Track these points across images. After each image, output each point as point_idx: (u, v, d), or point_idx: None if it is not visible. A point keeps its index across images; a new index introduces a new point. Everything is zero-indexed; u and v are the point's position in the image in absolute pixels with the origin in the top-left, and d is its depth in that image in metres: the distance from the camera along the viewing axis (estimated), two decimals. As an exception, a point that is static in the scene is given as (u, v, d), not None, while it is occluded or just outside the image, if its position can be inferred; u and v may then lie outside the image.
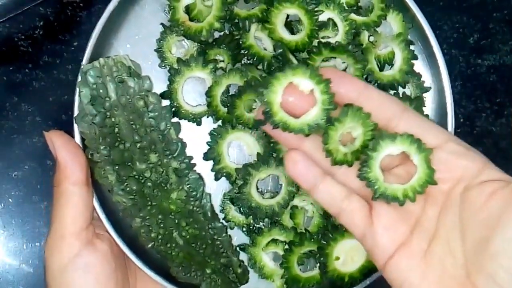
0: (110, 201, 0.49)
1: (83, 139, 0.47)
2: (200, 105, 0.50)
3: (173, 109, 0.50)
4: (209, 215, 0.49)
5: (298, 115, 0.38)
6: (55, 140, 0.45)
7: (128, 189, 0.46)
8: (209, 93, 0.48)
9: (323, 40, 0.47)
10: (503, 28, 0.73)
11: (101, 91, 0.44)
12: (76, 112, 0.47)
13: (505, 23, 0.73)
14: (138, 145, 0.45)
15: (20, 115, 0.63)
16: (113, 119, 0.44)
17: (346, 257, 0.47)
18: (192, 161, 0.49)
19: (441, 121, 0.51)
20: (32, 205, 0.63)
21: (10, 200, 0.63)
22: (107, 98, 0.44)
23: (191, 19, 0.48)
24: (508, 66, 0.74)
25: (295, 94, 0.38)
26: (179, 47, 0.50)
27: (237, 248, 0.52)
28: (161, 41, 0.50)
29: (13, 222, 0.62)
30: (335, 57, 0.47)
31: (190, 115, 0.50)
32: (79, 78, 0.46)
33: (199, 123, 0.50)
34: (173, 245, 0.48)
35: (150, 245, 0.48)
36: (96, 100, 0.44)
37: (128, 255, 0.49)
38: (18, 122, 0.63)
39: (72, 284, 0.45)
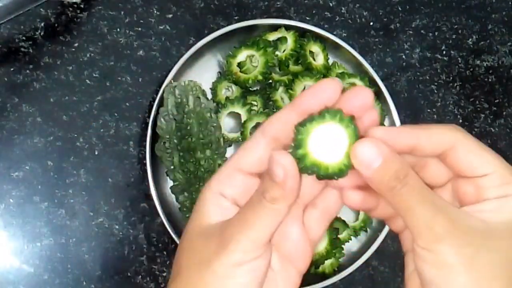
0: (165, 202, 0.63)
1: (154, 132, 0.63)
2: (233, 132, 0.68)
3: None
4: None
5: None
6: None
7: (186, 169, 0.62)
8: (243, 125, 0.67)
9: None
10: (502, 29, 0.74)
11: (184, 100, 0.62)
12: (153, 113, 0.62)
13: (503, 24, 0.74)
14: (201, 141, 0.62)
15: (21, 116, 0.63)
16: (188, 120, 0.61)
17: None
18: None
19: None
20: (33, 206, 0.62)
21: (10, 200, 0.62)
22: (187, 106, 0.61)
23: (241, 72, 0.66)
24: (506, 67, 0.74)
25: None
26: (227, 91, 0.68)
27: None
28: (216, 83, 0.67)
29: (13, 222, 0.62)
30: None
31: (226, 138, 0.67)
32: (164, 92, 0.62)
33: (229, 145, 0.66)
34: None
35: (188, 216, 0.62)
36: (179, 105, 0.61)
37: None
38: (19, 122, 0.63)
39: None
